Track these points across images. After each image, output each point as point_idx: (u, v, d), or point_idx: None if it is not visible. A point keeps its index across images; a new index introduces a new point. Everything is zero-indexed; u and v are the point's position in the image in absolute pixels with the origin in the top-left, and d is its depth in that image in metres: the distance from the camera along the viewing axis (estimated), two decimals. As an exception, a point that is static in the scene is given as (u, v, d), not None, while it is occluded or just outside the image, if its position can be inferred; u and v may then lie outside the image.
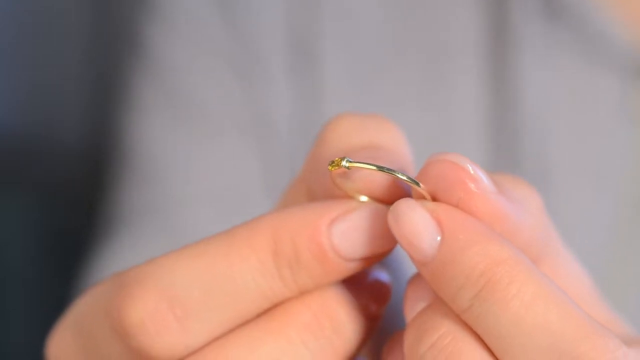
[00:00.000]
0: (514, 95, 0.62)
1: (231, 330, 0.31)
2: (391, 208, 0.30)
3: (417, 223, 0.30)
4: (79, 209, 1.12)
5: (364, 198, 0.32)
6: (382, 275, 0.33)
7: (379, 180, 0.31)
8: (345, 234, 0.30)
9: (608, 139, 0.63)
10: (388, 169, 0.30)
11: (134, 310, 0.30)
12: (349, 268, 0.31)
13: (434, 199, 0.31)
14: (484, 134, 0.63)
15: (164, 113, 0.67)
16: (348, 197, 0.31)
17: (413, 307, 0.31)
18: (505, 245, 0.29)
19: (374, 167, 0.30)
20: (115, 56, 1.00)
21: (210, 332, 0.31)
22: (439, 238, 0.30)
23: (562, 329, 0.28)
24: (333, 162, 0.30)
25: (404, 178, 0.30)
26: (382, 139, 0.33)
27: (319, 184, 0.33)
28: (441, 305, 0.30)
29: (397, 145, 0.33)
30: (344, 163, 0.30)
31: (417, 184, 0.31)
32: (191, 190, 0.65)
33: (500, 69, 0.63)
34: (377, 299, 0.32)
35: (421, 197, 0.31)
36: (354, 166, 0.30)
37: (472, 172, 0.30)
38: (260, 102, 0.65)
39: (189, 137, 0.66)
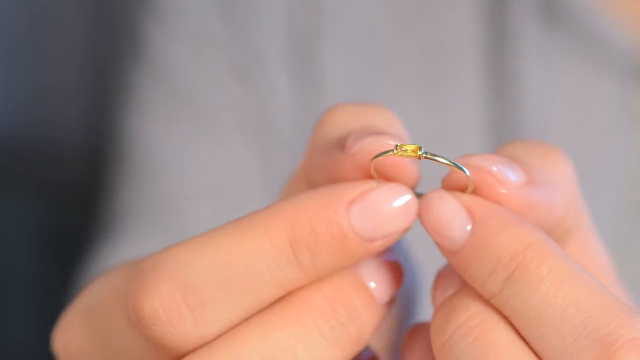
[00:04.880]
0: (514, 95, 0.63)
1: (245, 319, 0.31)
2: (421, 199, 0.31)
3: (448, 212, 0.31)
4: (79, 208, 1.12)
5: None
6: (394, 257, 0.33)
7: (410, 169, 0.31)
8: (364, 214, 0.30)
9: (609, 140, 0.63)
10: (458, 165, 0.31)
11: (148, 300, 0.30)
12: (369, 249, 0.31)
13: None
14: (484, 134, 0.64)
15: (164, 111, 0.67)
16: (361, 178, 0.31)
17: (441, 295, 0.32)
18: (533, 228, 0.30)
19: (448, 162, 0.30)
20: (115, 56, 1.00)
21: (224, 322, 0.30)
22: (469, 227, 0.30)
23: (591, 308, 0.29)
24: (402, 147, 0.30)
25: (467, 174, 0.31)
26: (379, 123, 0.33)
27: (320, 172, 0.33)
28: (469, 290, 0.31)
29: (395, 130, 0.33)
30: (421, 152, 0.30)
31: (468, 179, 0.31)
32: (191, 188, 0.65)
33: (501, 69, 0.63)
34: (391, 283, 0.32)
35: (454, 189, 0.31)
36: (429, 157, 0.30)
37: (497, 174, 0.31)
38: (260, 100, 0.65)
39: (188, 135, 0.66)
